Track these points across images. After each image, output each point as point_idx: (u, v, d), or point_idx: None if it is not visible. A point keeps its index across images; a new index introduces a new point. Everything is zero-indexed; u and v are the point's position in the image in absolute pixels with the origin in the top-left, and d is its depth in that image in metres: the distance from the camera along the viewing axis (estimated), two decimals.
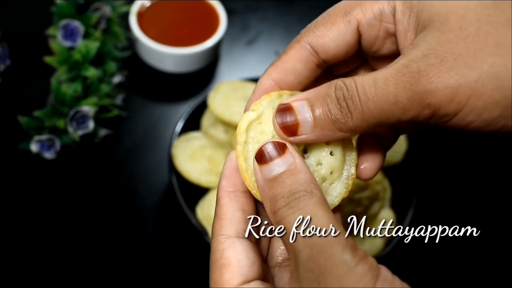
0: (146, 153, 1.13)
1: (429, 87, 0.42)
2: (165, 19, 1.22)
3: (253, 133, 0.49)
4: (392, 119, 0.44)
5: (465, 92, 0.41)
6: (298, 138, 0.46)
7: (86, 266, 0.98)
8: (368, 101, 0.43)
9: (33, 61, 1.13)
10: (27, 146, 1.01)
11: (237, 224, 0.47)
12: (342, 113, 0.44)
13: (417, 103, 0.42)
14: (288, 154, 0.45)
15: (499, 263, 1.07)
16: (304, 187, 0.44)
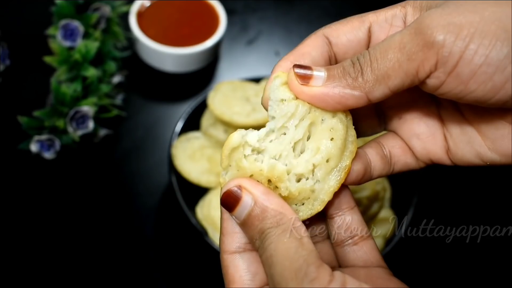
0: (146, 153, 1.13)
1: (432, 24, 0.44)
2: (165, 19, 1.22)
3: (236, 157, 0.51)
4: (398, 73, 0.45)
5: (469, 29, 0.42)
6: (309, 89, 0.48)
7: (86, 265, 0.98)
8: (376, 52, 0.46)
9: (33, 61, 1.13)
10: (27, 146, 1.01)
11: (237, 239, 0.50)
12: (355, 68, 0.47)
13: (422, 43, 0.44)
14: (246, 194, 0.48)
15: (499, 263, 1.07)
16: (271, 223, 0.46)
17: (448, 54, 0.43)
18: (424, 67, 0.44)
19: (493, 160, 0.51)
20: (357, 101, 0.48)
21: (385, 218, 1.00)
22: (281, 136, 0.51)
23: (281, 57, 0.53)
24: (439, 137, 0.54)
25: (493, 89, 0.44)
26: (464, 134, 0.52)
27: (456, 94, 0.46)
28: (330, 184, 0.51)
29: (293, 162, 0.51)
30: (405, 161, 0.56)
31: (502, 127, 0.49)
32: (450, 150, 0.54)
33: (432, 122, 0.55)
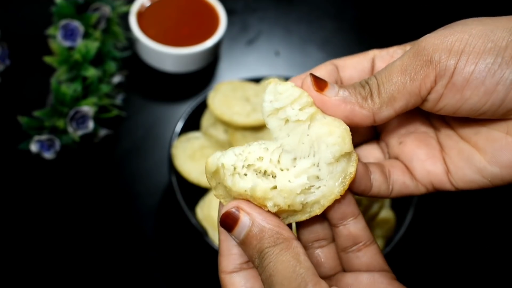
0: (146, 153, 1.13)
1: (427, 46, 0.49)
2: (165, 19, 1.22)
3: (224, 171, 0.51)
4: (403, 94, 0.50)
5: (459, 45, 0.48)
6: (322, 96, 0.52)
7: (86, 266, 0.98)
8: (382, 77, 0.51)
9: (33, 61, 1.13)
10: (27, 146, 1.01)
11: (233, 260, 0.53)
12: (365, 90, 0.52)
13: (421, 64, 0.49)
14: (244, 215, 0.50)
15: (499, 263, 1.07)
16: (268, 242, 0.49)
17: (444, 68, 0.48)
18: (425, 84, 0.49)
19: (493, 173, 0.52)
20: (364, 119, 0.52)
21: (385, 218, 1.00)
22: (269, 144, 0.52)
23: (280, 57, 0.55)
24: (439, 159, 0.57)
25: (486, 94, 0.48)
26: (462, 153, 0.55)
27: (454, 105, 0.50)
28: (333, 191, 0.52)
29: (283, 176, 0.51)
30: (403, 182, 0.57)
31: (499, 138, 0.52)
32: (450, 172, 0.56)
33: (431, 146, 0.58)
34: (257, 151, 0.51)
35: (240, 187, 0.50)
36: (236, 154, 0.51)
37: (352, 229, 0.55)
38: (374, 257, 0.55)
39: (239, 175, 0.51)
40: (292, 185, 0.50)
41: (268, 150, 0.52)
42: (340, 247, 0.56)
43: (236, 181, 0.50)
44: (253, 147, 0.52)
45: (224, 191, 0.52)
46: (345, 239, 0.55)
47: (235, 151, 0.51)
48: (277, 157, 0.52)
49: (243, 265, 0.53)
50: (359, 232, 0.55)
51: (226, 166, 0.51)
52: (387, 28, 1.41)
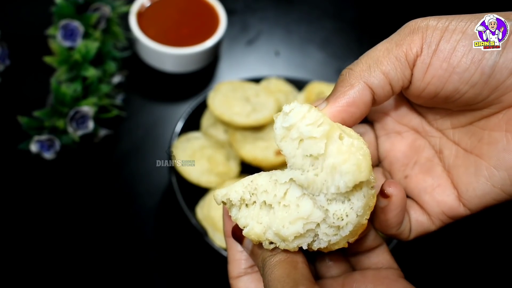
0: (146, 153, 1.13)
1: (415, 20, 0.50)
2: (165, 19, 1.22)
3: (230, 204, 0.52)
4: (389, 58, 0.49)
5: (447, 17, 0.49)
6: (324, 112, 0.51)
7: (86, 266, 0.98)
8: (368, 51, 0.51)
9: (32, 61, 1.13)
10: (27, 146, 1.01)
11: (239, 265, 0.56)
12: (347, 70, 0.51)
13: (407, 32, 0.49)
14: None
15: (499, 263, 1.07)
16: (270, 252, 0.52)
17: (431, 35, 0.48)
18: (411, 49, 0.48)
19: (502, 179, 0.50)
20: (363, 93, 0.50)
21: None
22: None
23: (280, 57, 0.54)
24: (447, 185, 0.54)
25: (474, 62, 0.47)
26: (469, 168, 0.52)
27: (441, 76, 0.48)
28: (340, 243, 0.49)
29: (280, 218, 0.49)
30: (417, 219, 0.55)
31: (500, 138, 0.50)
32: (461, 194, 0.53)
33: (437, 173, 0.55)
34: (265, 184, 0.50)
35: (240, 223, 0.52)
36: (245, 185, 0.51)
37: (365, 242, 0.56)
38: (382, 255, 0.56)
39: (246, 205, 0.52)
40: (285, 232, 0.48)
41: (277, 183, 0.49)
42: (350, 252, 0.57)
43: (238, 216, 0.52)
44: (262, 179, 0.50)
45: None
46: (355, 247, 0.56)
47: (244, 182, 0.51)
48: (283, 192, 0.49)
49: (247, 270, 0.56)
50: (370, 242, 0.56)
51: (233, 201, 0.51)
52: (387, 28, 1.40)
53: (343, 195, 0.47)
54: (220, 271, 0.96)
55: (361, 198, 0.46)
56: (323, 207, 0.47)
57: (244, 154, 1.01)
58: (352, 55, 1.35)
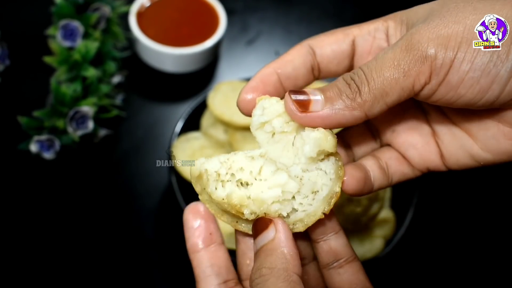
0: (145, 153, 1.13)
1: (422, 39, 0.47)
2: (165, 19, 1.22)
3: (207, 177, 0.53)
4: (396, 89, 0.48)
5: (456, 39, 0.47)
6: (309, 115, 0.49)
7: (86, 266, 0.98)
8: (372, 71, 0.48)
9: (32, 61, 1.13)
10: (27, 146, 1.01)
11: (210, 282, 0.54)
12: (351, 89, 0.49)
13: (415, 59, 0.47)
14: (271, 228, 0.51)
15: (499, 263, 1.07)
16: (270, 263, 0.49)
17: (440, 66, 0.47)
18: (419, 80, 0.48)
19: (486, 159, 0.53)
20: (356, 120, 0.50)
21: (385, 218, 1.00)
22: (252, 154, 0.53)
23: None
24: (433, 144, 0.57)
25: (480, 92, 0.47)
26: (455, 140, 0.55)
27: (448, 100, 0.49)
28: (317, 212, 0.51)
29: (257, 187, 0.52)
30: (402, 171, 0.57)
31: (492, 127, 0.52)
32: (444, 156, 0.56)
33: (424, 132, 0.57)
34: (241, 160, 0.53)
35: (217, 195, 0.52)
36: (221, 162, 0.52)
37: (333, 245, 0.54)
38: (356, 275, 0.54)
39: (222, 182, 0.52)
40: (263, 195, 0.51)
41: (253, 159, 0.53)
42: (322, 264, 0.55)
43: (214, 190, 0.52)
44: (238, 156, 0.53)
45: (209, 197, 0.53)
46: (326, 255, 0.55)
47: (220, 158, 0.53)
48: (258, 169, 0.53)
49: (221, 285, 0.54)
50: (340, 247, 0.54)
51: (209, 172, 0.52)
52: None
53: (314, 165, 0.52)
54: None
55: (330, 165, 0.51)
56: (297, 177, 0.52)
57: None
58: None
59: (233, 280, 0.55)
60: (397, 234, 0.95)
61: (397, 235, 0.95)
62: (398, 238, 0.95)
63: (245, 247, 0.57)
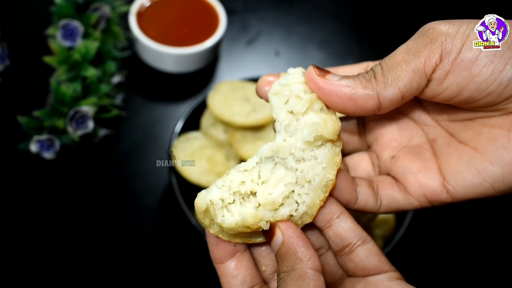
0: (145, 153, 1.13)
1: (433, 25, 0.48)
2: (165, 19, 1.22)
3: (214, 208, 0.52)
4: (407, 71, 0.48)
5: (468, 24, 0.48)
6: (324, 81, 0.51)
7: (86, 265, 0.98)
8: (386, 59, 0.50)
9: (32, 61, 1.13)
10: (27, 146, 1.01)
11: None
12: (368, 73, 0.51)
13: (426, 41, 0.48)
14: (278, 232, 0.52)
15: (499, 263, 1.07)
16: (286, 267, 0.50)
17: (451, 44, 0.47)
18: (430, 60, 0.48)
19: (495, 174, 0.50)
20: (368, 100, 0.50)
21: (385, 218, 1.00)
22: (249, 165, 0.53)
23: (280, 57, 0.54)
24: (433, 170, 0.55)
25: (494, 72, 0.46)
26: (462, 158, 0.53)
27: (459, 84, 0.48)
28: (315, 202, 0.52)
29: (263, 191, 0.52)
30: (391, 195, 0.56)
31: (501, 136, 0.50)
32: (448, 180, 0.53)
33: (425, 158, 0.56)
34: (237, 177, 0.53)
35: (230, 222, 0.52)
36: (219, 187, 0.52)
37: (337, 230, 0.53)
38: (367, 259, 0.53)
39: (226, 207, 0.52)
40: (272, 196, 0.52)
41: (247, 170, 0.53)
42: (334, 251, 0.55)
43: (225, 218, 0.52)
44: (231, 174, 0.53)
45: (218, 227, 0.53)
46: (333, 241, 0.54)
47: (217, 184, 0.53)
48: (257, 174, 0.53)
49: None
50: (344, 232, 0.53)
51: (215, 202, 0.52)
52: (386, 28, 1.41)
53: (310, 153, 0.52)
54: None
55: (325, 153, 0.52)
56: (293, 168, 0.52)
57: (244, 154, 1.01)
58: (352, 55, 1.35)
59: (258, 285, 0.55)
60: (397, 234, 0.95)
61: (397, 235, 0.95)
62: (398, 238, 0.95)
63: (258, 255, 0.57)
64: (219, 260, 0.55)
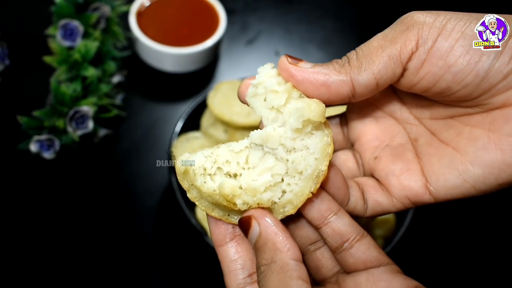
0: (145, 153, 1.13)
1: (411, 14, 0.49)
2: (164, 18, 1.22)
3: (193, 171, 0.52)
4: (382, 57, 0.48)
5: (446, 15, 0.47)
6: (296, 68, 0.50)
7: (86, 265, 0.98)
8: (362, 45, 0.50)
9: (32, 61, 1.13)
10: (27, 146, 1.01)
11: (236, 276, 0.53)
12: (342, 59, 0.50)
13: (403, 28, 0.48)
14: (255, 224, 0.50)
15: (499, 263, 1.07)
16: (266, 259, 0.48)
17: (428, 33, 0.47)
18: (406, 47, 0.47)
19: (476, 175, 0.50)
20: (342, 86, 0.49)
21: (385, 218, 1.00)
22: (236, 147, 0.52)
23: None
24: (415, 172, 0.54)
25: (471, 62, 0.46)
26: (443, 159, 0.52)
27: (435, 74, 0.48)
28: (305, 191, 0.51)
29: (248, 176, 0.51)
30: (375, 199, 0.55)
31: (481, 136, 0.50)
32: (430, 182, 0.53)
33: (407, 158, 0.55)
34: (225, 154, 0.52)
35: (208, 187, 0.51)
36: (206, 156, 0.52)
37: (336, 226, 0.52)
38: (368, 252, 0.52)
39: (210, 176, 0.51)
40: (255, 183, 0.51)
41: (236, 152, 0.52)
42: (332, 249, 0.54)
43: (203, 183, 0.51)
44: (221, 149, 0.52)
45: (197, 193, 0.53)
46: (332, 239, 0.53)
47: (204, 153, 0.52)
48: (245, 158, 0.52)
49: (246, 280, 0.52)
50: (343, 228, 0.52)
51: (196, 166, 0.51)
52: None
53: (301, 142, 0.51)
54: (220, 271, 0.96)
55: (316, 142, 0.51)
56: (284, 159, 0.51)
57: None
58: None
59: None
60: (397, 234, 0.95)
61: (397, 235, 0.95)
62: (398, 238, 0.95)
63: None
64: (219, 242, 0.54)
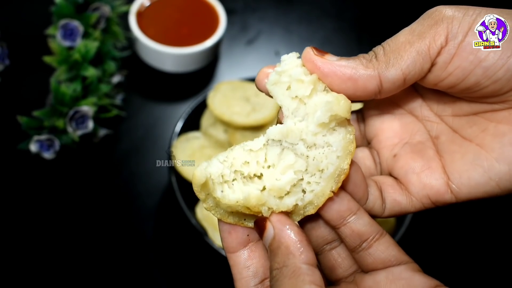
0: (145, 153, 1.13)
1: (439, 8, 0.47)
2: (164, 18, 1.22)
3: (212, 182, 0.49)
4: (411, 52, 0.46)
5: (475, 10, 0.46)
6: (322, 60, 0.48)
7: (86, 266, 0.98)
8: (388, 40, 0.48)
9: (32, 61, 1.13)
10: (27, 146, 1.01)
11: (247, 283, 0.51)
12: (369, 54, 0.49)
13: (432, 23, 0.46)
14: (269, 226, 0.49)
15: (499, 263, 1.07)
16: (278, 263, 0.47)
17: (458, 27, 0.46)
18: (435, 42, 0.46)
19: (501, 172, 0.48)
20: (369, 80, 0.47)
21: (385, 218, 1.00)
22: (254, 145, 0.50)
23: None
24: (436, 170, 0.52)
25: (502, 57, 0.45)
26: (466, 155, 0.50)
27: (465, 69, 0.46)
28: (325, 192, 0.49)
29: (270, 175, 0.49)
30: (394, 198, 0.53)
31: (509, 132, 0.48)
32: (452, 180, 0.51)
33: (428, 156, 0.53)
34: (241, 155, 0.50)
35: (230, 199, 0.49)
36: (221, 161, 0.50)
37: (355, 227, 0.51)
38: (387, 251, 0.51)
39: (227, 183, 0.49)
40: (280, 183, 0.49)
41: (253, 151, 0.50)
42: (350, 248, 0.52)
43: (225, 193, 0.49)
44: (236, 151, 0.50)
45: (213, 202, 0.51)
46: (351, 239, 0.51)
47: (219, 158, 0.50)
48: (264, 157, 0.50)
49: (258, 286, 0.51)
50: (363, 228, 0.51)
51: (214, 176, 0.49)
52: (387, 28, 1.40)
53: (322, 138, 0.49)
54: (220, 271, 0.96)
55: (339, 140, 0.49)
56: (304, 155, 0.49)
57: None
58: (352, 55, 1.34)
59: None
60: (397, 234, 0.95)
61: (397, 235, 0.95)
62: (398, 238, 0.95)
63: None
64: (231, 249, 0.52)
